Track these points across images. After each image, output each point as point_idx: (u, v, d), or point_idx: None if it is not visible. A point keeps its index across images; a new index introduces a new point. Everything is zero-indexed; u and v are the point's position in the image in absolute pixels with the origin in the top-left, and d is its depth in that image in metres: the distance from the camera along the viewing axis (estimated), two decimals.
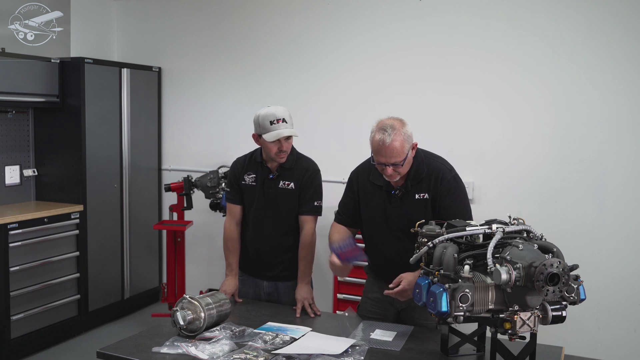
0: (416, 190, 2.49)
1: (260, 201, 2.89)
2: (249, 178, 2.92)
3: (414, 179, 2.48)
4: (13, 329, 3.91)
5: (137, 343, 2.24)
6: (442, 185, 2.47)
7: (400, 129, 2.38)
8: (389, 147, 2.34)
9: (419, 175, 2.48)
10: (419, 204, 2.48)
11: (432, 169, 2.50)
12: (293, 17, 4.60)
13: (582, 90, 3.78)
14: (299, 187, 2.86)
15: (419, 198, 2.48)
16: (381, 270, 2.68)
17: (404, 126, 2.41)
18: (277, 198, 2.87)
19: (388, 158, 2.36)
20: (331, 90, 4.48)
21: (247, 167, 2.94)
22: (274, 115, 2.74)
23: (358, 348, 2.17)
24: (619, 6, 3.67)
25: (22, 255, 3.97)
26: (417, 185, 2.49)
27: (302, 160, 2.93)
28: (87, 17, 5.03)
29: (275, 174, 2.87)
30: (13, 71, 4.10)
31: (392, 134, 2.35)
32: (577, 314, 2.67)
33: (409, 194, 2.49)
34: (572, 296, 1.87)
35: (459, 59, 4.05)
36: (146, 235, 5.06)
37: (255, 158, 2.93)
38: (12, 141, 4.44)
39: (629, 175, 3.71)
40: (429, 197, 2.48)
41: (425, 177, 2.49)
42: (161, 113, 5.18)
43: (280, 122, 2.74)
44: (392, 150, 2.35)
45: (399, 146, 2.35)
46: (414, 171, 2.48)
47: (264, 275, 2.96)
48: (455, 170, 2.56)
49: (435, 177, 2.48)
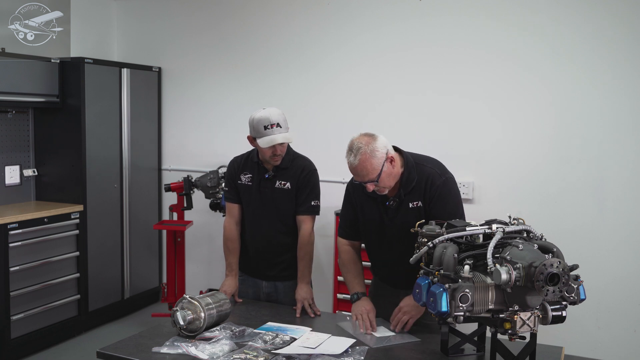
0: (409, 199, 2.47)
1: (257, 201, 2.89)
2: (245, 178, 2.92)
3: (405, 188, 2.46)
4: (13, 329, 3.91)
5: (137, 343, 2.24)
6: (432, 191, 2.45)
7: (366, 147, 2.34)
8: (358, 168, 2.35)
9: (410, 184, 2.46)
10: (413, 213, 2.46)
11: (422, 175, 2.47)
12: (293, 17, 4.60)
13: (582, 90, 3.78)
14: (295, 187, 2.86)
15: (412, 207, 2.47)
16: (385, 275, 2.70)
17: (372, 142, 2.36)
18: (274, 198, 2.87)
19: (361, 177, 2.37)
20: (331, 90, 4.48)
21: (243, 167, 2.94)
22: (268, 120, 2.71)
23: (358, 348, 2.17)
24: (619, 6, 3.67)
25: (22, 255, 3.97)
26: (410, 194, 2.47)
27: (299, 159, 2.92)
28: (87, 17, 5.03)
29: (271, 174, 2.86)
30: (13, 71, 4.10)
31: (357, 154, 2.34)
32: (577, 314, 2.67)
33: (403, 204, 2.48)
34: (572, 296, 1.87)
35: (459, 59, 4.05)
36: (146, 235, 5.06)
37: (252, 158, 2.93)
38: (12, 141, 4.44)
39: (629, 175, 3.71)
40: (422, 205, 2.47)
41: (416, 184, 2.46)
42: (161, 113, 5.18)
43: (275, 126, 2.71)
44: (361, 170, 2.35)
45: (368, 165, 2.33)
46: (405, 180, 2.46)
47: (264, 275, 2.96)
48: (449, 173, 2.53)
49: (426, 183, 2.46)
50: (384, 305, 2.66)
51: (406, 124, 4.21)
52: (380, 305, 2.67)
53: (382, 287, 2.72)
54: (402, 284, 2.60)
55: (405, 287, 2.60)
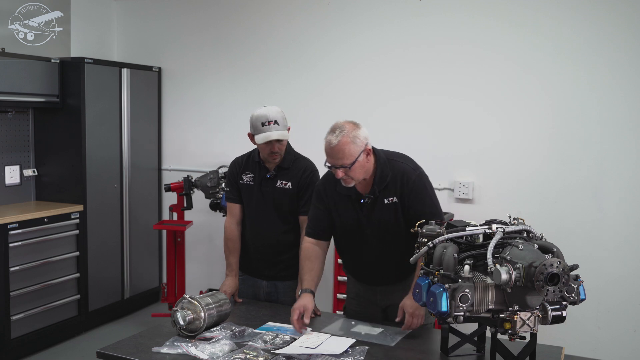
0: (384, 196, 2.47)
1: (258, 201, 2.90)
2: (246, 177, 2.93)
3: (379, 184, 2.46)
4: (13, 329, 3.91)
5: (137, 343, 2.24)
6: (408, 186, 2.45)
7: (350, 131, 2.35)
8: (335, 149, 2.34)
9: (384, 180, 2.46)
10: (389, 209, 2.46)
11: (396, 171, 2.47)
12: (293, 17, 4.60)
13: (582, 90, 3.78)
14: (296, 187, 2.86)
15: (388, 203, 2.47)
16: (364, 276, 2.68)
17: (355, 129, 2.37)
18: (275, 198, 2.87)
19: (336, 160, 2.36)
20: (332, 90, 4.48)
21: (245, 167, 2.95)
22: (265, 117, 2.74)
23: (358, 348, 2.17)
24: (619, 5, 3.67)
25: (22, 255, 3.97)
26: (385, 190, 2.47)
27: (300, 160, 2.92)
28: (87, 17, 5.03)
29: (273, 173, 2.87)
30: (13, 71, 4.10)
31: (339, 135, 2.34)
32: (577, 314, 2.67)
33: (378, 200, 2.47)
34: (572, 296, 1.87)
35: (460, 59, 4.06)
36: (146, 235, 5.06)
37: (253, 157, 2.94)
38: (12, 141, 4.44)
39: (629, 175, 3.71)
40: (397, 201, 2.46)
41: (391, 180, 2.46)
42: (161, 113, 5.18)
43: (272, 124, 2.73)
44: (338, 152, 2.34)
45: (346, 148, 2.33)
46: (379, 176, 2.45)
47: (263, 275, 2.96)
48: (421, 168, 2.53)
49: (401, 179, 2.46)
50: (364, 305, 2.68)
51: (407, 124, 4.21)
52: (362, 305, 2.68)
53: (358, 287, 2.71)
54: (379, 281, 2.61)
55: (381, 284, 2.62)
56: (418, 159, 2.60)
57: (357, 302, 2.72)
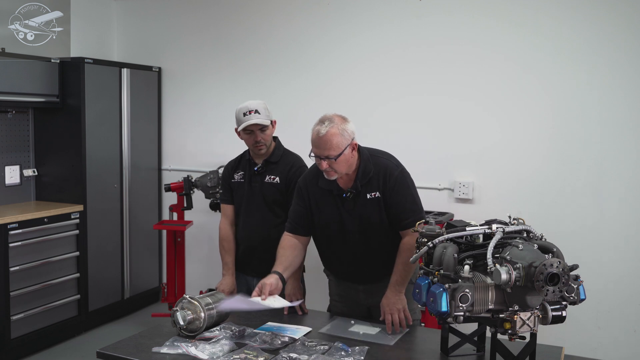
0: (367, 190, 2.48)
1: (248, 196, 2.97)
2: (237, 176, 3.02)
3: (362, 179, 2.47)
4: (13, 329, 3.91)
5: (137, 343, 2.24)
6: (390, 182, 2.47)
7: (339, 124, 2.38)
8: (323, 139, 2.35)
9: (366, 175, 2.47)
10: (372, 204, 2.48)
11: (379, 167, 2.49)
12: (293, 17, 4.60)
13: (583, 90, 3.78)
14: (284, 183, 2.91)
15: (370, 197, 2.48)
16: (346, 273, 2.68)
17: (344, 122, 2.41)
18: (263, 192, 2.93)
19: (322, 150, 2.37)
20: (332, 90, 4.47)
21: (237, 167, 3.05)
22: (246, 108, 2.83)
23: (358, 348, 2.17)
24: (619, 5, 3.67)
25: (22, 255, 3.97)
26: (367, 185, 2.48)
27: (289, 155, 2.99)
28: (87, 17, 5.03)
29: (260, 166, 2.93)
30: (13, 71, 4.10)
31: (328, 126, 2.36)
32: (577, 314, 2.67)
33: (360, 195, 2.49)
34: (572, 296, 1.87)
35: (460, 59, 4.05)
36: (146, 235, 5.06)
37: (244, 157, 3.03)
38: (12, 141, 4.44)
39: (629, 175, 3.71)
40: (380, 196, 2.48)
41: (374, 175, 2.48)
42: (161, 113, 5.18)
43: (252, 113, 2.82)
44: (325, 142, 2.35)
45: (334, 140, 2.35)
46: (362, 171, 2.47)
47: (254, 272, 2.98)
48: (403, 166, 2.55)
49: (384, 174, 2.48)
50: (348, 304, 2.67)
51: (407, 124, 4.21)
52: (346, 304, 2.68)
53: (341, 286, 2.71)
54: (361, 278, 2.61)
55: (363, 282, 2.61)
56: (418, 159, 2.61)
57: (341, 304, 2.72)
